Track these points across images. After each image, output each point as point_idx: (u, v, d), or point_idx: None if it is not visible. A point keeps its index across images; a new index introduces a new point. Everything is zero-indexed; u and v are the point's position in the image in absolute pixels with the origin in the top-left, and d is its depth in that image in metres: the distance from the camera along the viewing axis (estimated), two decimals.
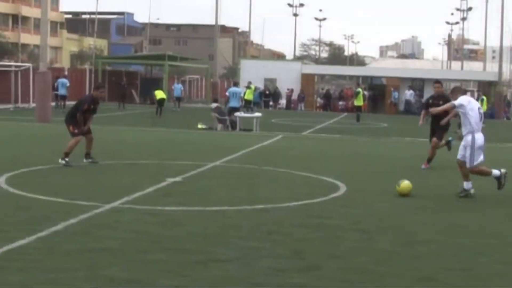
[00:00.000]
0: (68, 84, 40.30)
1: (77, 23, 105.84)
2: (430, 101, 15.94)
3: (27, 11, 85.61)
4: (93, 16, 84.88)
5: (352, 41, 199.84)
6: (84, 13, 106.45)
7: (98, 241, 7.72)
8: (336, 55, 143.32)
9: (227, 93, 33.42)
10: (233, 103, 30.71)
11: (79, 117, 14.59)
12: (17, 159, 15.32)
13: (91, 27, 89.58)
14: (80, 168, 14.18)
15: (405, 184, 11.63)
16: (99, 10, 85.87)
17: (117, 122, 30.38)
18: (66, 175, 12.99)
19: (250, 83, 46.77)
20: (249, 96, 44.12)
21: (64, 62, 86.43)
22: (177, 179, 12.86)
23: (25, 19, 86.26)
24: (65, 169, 13.79)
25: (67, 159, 14.13)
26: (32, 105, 39.22)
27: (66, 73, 48.50)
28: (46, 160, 14.64)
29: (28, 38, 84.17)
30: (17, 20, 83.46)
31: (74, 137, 14.38)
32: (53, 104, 33.17)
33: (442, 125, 14.49)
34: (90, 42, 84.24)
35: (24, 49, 78.59)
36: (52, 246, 7.37)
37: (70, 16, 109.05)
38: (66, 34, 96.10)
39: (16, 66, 44.45)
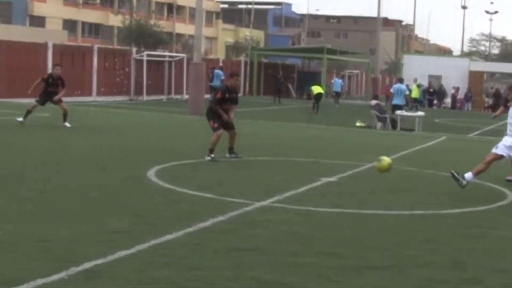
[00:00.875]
0: (223, 77, 41.23)
1: (233, 13, 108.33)
2: None
3: (182, 0, 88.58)
4: (249, 6, 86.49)
5: None
6: (241, 3, 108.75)
7: (247, 240, 7.87)
8: (508, 52, 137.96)
9: (391, 90, 33.08)
10: (397, 101, 30.34)
11: (214, 107, 14.72)
12: (167, 152, 15.91)
13: (248, 17, 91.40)
14: (231, 163, 14.51)
15: (385, 160, 12.09)
16: (256, 0, 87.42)
17: (272, 117, 30.80)
18: (217, 170, 13.33)
19: (416, 80, 46.07)
20: (415, 93, 43.50)
21: (219, 53, 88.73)
22: (332, 179, 12.88)
23: (180, 8, 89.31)
24: (216, 164, 14.15)
25: (212, 155, 14.47)
26: (185, 96, 40.60)
27: (221, 64, 49.74)
28: (196, 154, 15.08)
29: (183, 28, 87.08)
30: (172, 9, 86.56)
31: (215, 132, 14.62)
32: (207, 96, 34.13)
33: None
34: (246, 33, 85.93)
35: (178, 39, 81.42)
36: (199, 243, 7.59)
37: (226, 5, 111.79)
38: (222, 25, 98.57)
39: (170, 57, 46.10)
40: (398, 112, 29.07)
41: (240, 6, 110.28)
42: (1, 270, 6.16)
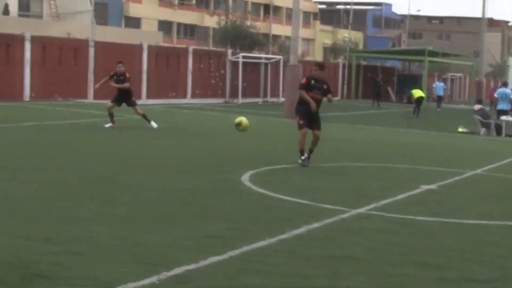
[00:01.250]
0: None
1: (331, 14, 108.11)
2: None
3: (279, 0, 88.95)
4: (348, 6, 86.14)
5: None
6: (339, 3, 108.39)
7: (342, 248, 7.82)
8: None
9: (495, 95, 32.31)
10: (502, 106, 29.61)
11: (300, 93, 14.52)
12: (261, 156, 16.00)
13: (346, 18, 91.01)
14: (327, 169, 14.46)
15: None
16: (355, 0, 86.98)
17: (370, 121, 30.57)
18: (312, 176, 13.31)
19: None
20: None
21: (317, 55, 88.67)
22: (432, 186, 12.67)
23: (277, 9, 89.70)
24: (311, 169, 14.13)
25: (302, 158, 14.41)
26: (281, 99, 40.72)
27: None
28: (291, 158, 15.09)
29: (280, 29, 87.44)
30: (268, 10, 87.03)
31: (300, 131, 14.51)
32: None
33: None
34: (345, 34, 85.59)
35: (275, 40, 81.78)
36: (293, 250, 7.59)
37: (324, 6, 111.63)
38: (320, 26, 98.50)
39: (266, 58, 46.36)
40: (503, 117, 28.36)
41: (338, 6, 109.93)
42: (93, 273, 6.32)
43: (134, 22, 69.76)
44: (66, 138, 17.67)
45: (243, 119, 14.78)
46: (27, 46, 31.67)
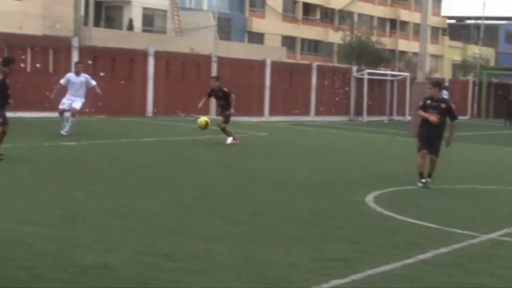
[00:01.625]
0: (447, 96, 40.40)
1: (460, 29, 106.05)
2: None
3: (406, 15, 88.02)
4: (479, 21, 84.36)
5: None
6: (469, 18, 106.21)
7: (471, 276, 7.62)
8: None
9: None
10: None
11: (417, 113, 14.39)
12: (387, 176, 15.82)
13: (477, 33, 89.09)
14: (455, 191, 14.16)
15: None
16: (486, 14, 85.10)
17: (501, 142, 29.73)
18: (439, 199, 13.05)
19: None
20: None
21: (445, 72, 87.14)
22: None
23: (404, 24, 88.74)
24: (438, 191, 13.87)
25: (423, 180, 14.14)
26: (408, 118, 40.21)
27: (446, 84, 48.82)
28: (417, 179, 14.84)
29: (406, 45, 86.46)
30: (395, 25, 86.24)
31: (418, 153, 14.28)
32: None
33: None
34: (475, 50, 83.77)
35: (401, 56, 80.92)
36: (419, 276, 7.45)
37: (453, 21, 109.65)
38: (448, 41, 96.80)
39: (392, 75, 45.92)
40: None
41: (468, 21, 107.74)
42: None
43: (257, 38, 70.56)
44: (187, 154, 18.01)
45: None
46: (151, 61, 32.53)
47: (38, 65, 28.03)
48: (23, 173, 13.20)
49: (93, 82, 21.57)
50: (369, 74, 42.88)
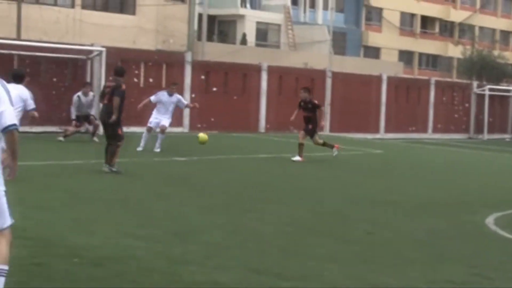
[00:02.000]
0: None
1: None
2: None
3: None
4: None
5: None
6: None
7: None
8: None
9: None
10: None
11: None
12: (509, 197, 15.41)
13: None
14: None
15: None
16: None
17: None
18: None
19: None
20: None
21: None
22: None
23: None
24: None
25: None
26: None
27: None
28: None
29: None
30: None
31: None
32: None
33: None
34: None
35: None
36: None
37: None
38: None
39: None
40: None
41: None
42: None
43: (373, 52, 70.17)
44: (299, 171, 18.04)
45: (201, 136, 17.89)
46: (264, 76, 32.80)
47: (151, 79, 28.70)
48: (135, 188, 13.53)
49: (185, 102, 21.80)
50: (491, 90, 41.94)
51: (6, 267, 5.87)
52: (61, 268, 7.42)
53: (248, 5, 57.41)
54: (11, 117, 5.80)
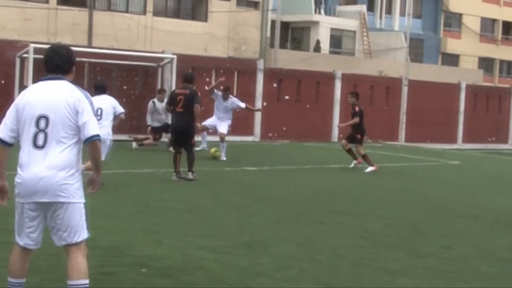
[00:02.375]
0: None
1: None
2: None
3: None
4: None
5: None
6: None
7: None
8: None
9: None
10: None
11: None
12: None
13: None
14: None
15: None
16: None
17: None
18: None
19: None
20: None
21: None
22: None
23: None
24: None
25: None
26: None
27: None
28: None
29: None
30: None
31: None
32: None
33: None
34: None
35: None
36: None
37: None
38: None
39: None
40: None
41: None
42: None
43: (451, 59, 69.33)
44: (372, 182, 17.92)
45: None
46: (337, 84, 32.69)
47: (222, 87, 28.85)
48: (204, 198, 13.63)
49: (242, 104, 21.89)
50: None
51: (87, 282, 5.99)
52: (129, 278, 7.53)
53: (322, 11, 57.34)
54: (94, 128, 5.97)
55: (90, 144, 5.96)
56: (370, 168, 19.93)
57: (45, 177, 5.87)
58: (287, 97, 31.06)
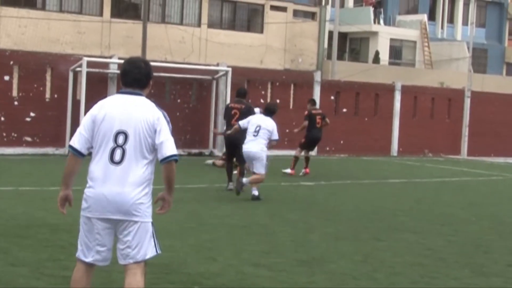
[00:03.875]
0: None
1: None
2: None
3: None
4: None
5: None
6: None
7: None
8: None
9: None
10: None
11: None
12: None
13: None
14: None
15: None
16: None
17: None
18: None
19: None
20: None
21: None
22: None
23: None
24: None
25: None
26: None
27: None
28: None
29: None
30: None
31: None
32: None
33: None
34: None
35: None
36: None
37: None
38: None
39: None
40: None
41: None
42: None
43: None
44: (434, 197, 17.73)
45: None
46: (397, 97, 32.43)
47: (278, 100, 28.85)
48: (259, 213, 13.61)
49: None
50: None
51: None
52: None
53: (381, 21, 57.07)
54: (172, 148, 6.03)
55: (167, 164, 6.04)
56: (288, 170, 20.62)
57: (120, 193, 5.93)
58: (344, 110, 30.93)
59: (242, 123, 15.74)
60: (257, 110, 21.54)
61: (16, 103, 23.59)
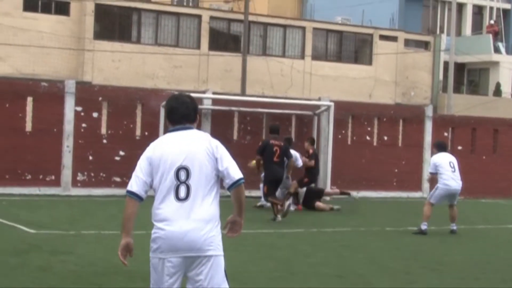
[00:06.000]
0: None
1: None
2: None
3: None
4: None
5: None
6: None
7: None
8: None
9: None
10: None
11: None
12: None
13: None
14: None
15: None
16: None
17: None
18: None
19: None
20: None
21: None
22: None
23: None
24: None
25: None
26: None
27: None
28: None
29: None
30: None
31: None
32: None
33: None
34: None
35: None
36: None
37: None
38: None
39: None
40: None
41: None
42: None
43: None
44: None
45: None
46: None
47: (385, 137, 28.45)
48: (357, 261, 13.30)
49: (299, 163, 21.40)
50: None
51: None
52: None
53: (503, 50, 55.95)
54: (238, 171, 6.27)
55: (237, 188, 6.24)
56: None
57: (191, 230, 6.09)
58: (460, 147, 30.23)
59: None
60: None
61: (104, 141, 23.90)
